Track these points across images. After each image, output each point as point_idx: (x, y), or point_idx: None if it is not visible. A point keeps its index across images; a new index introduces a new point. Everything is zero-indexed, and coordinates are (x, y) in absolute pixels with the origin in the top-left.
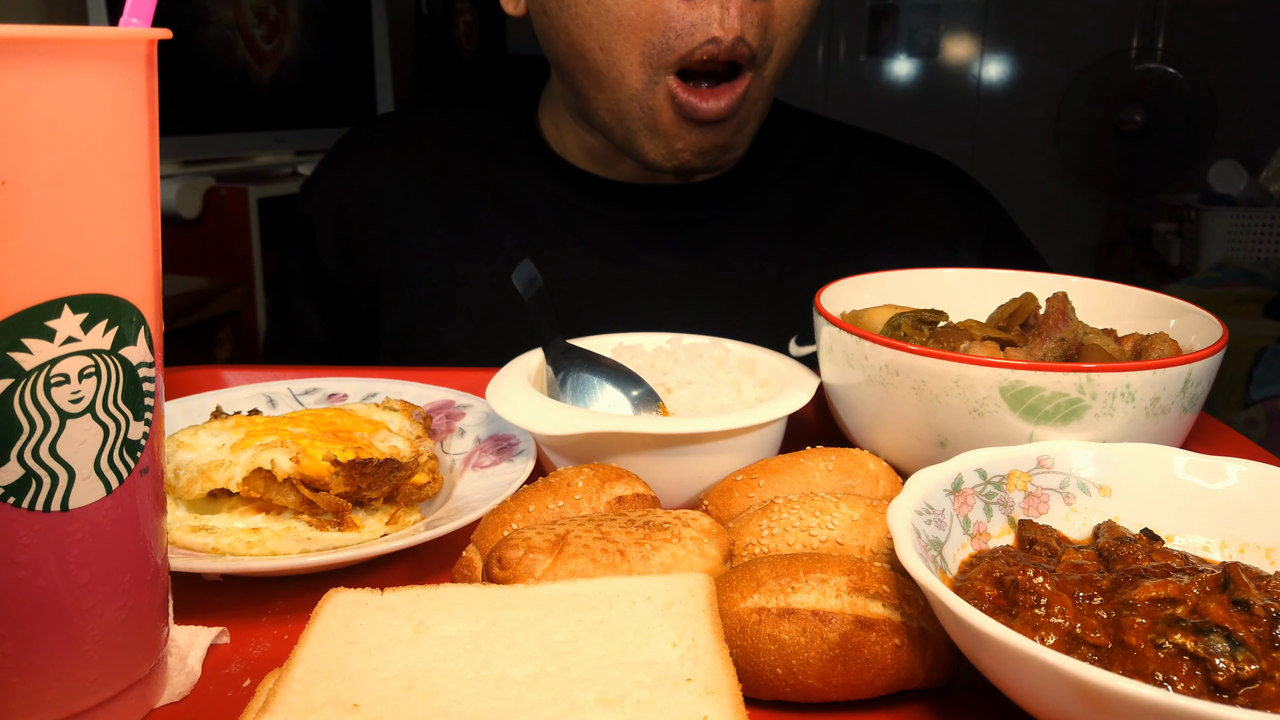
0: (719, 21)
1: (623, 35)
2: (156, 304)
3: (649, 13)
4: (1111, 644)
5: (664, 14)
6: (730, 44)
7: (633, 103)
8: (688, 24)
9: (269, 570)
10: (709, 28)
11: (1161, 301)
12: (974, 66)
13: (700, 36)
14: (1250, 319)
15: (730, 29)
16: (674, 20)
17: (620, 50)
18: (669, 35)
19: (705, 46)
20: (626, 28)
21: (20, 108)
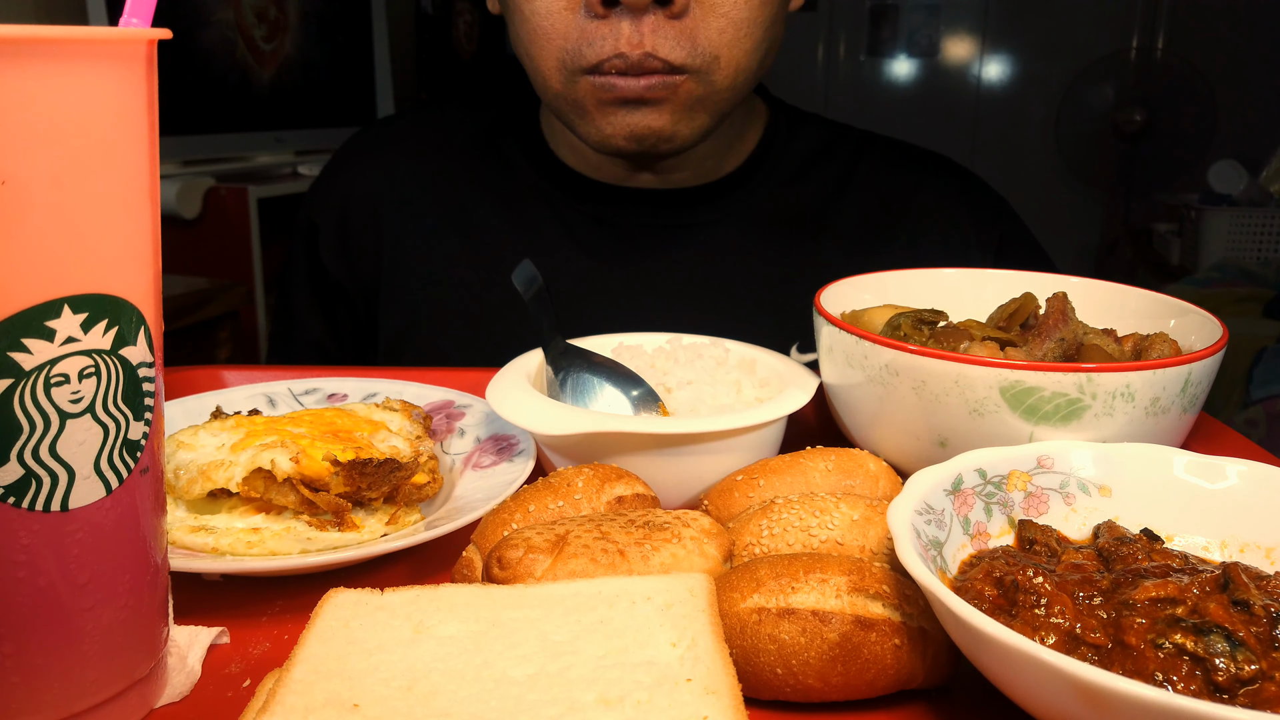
0: (626, 38)
1: (540, 44)
2: (156, 304)
3: (563, 25)
4: (1111, 644)
5: (576, 27)
6: (638, 59)
7: (559, 100)
8: (599, 36)
9: (269, 570)
10: (616, 42)
11: (1161, 301)
12: (974, 66)
13: (608, 50)
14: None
15: (636, 45)
16: (587, 33)
17: (539, 57)
18: (581, 45)
19: (613, 60)
20: (543, 37)
21: (20, 108)
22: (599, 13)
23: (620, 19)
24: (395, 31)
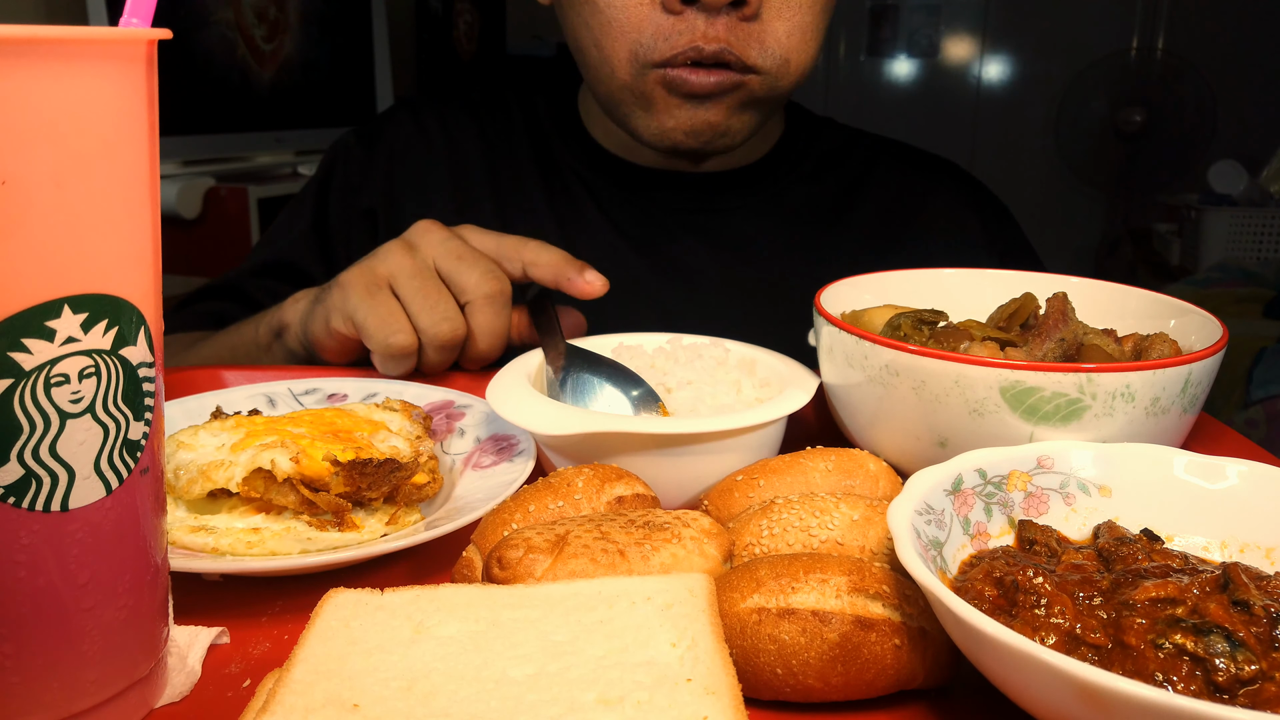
0: (702, 33)
1: (613, 35)
2: (156, 304)
3: (638, 18)
4: (1111, 644)
5: (651, 21)
6: (712, 53)
7: (624, 91)
8: (675, 31)
9: (269, 570)
10: (692, 37)
11: (1161, 301)
12: (974, 66)
13: (684, 43)
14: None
15: (713, 40)
16: (662, 28)
17: (610, 49)
18: (656, 40)
19: (687, 51)
20: (616, 29)
21: (20, 108)
22: (675, 9)
23: (695, 16)
24: (395, 31)
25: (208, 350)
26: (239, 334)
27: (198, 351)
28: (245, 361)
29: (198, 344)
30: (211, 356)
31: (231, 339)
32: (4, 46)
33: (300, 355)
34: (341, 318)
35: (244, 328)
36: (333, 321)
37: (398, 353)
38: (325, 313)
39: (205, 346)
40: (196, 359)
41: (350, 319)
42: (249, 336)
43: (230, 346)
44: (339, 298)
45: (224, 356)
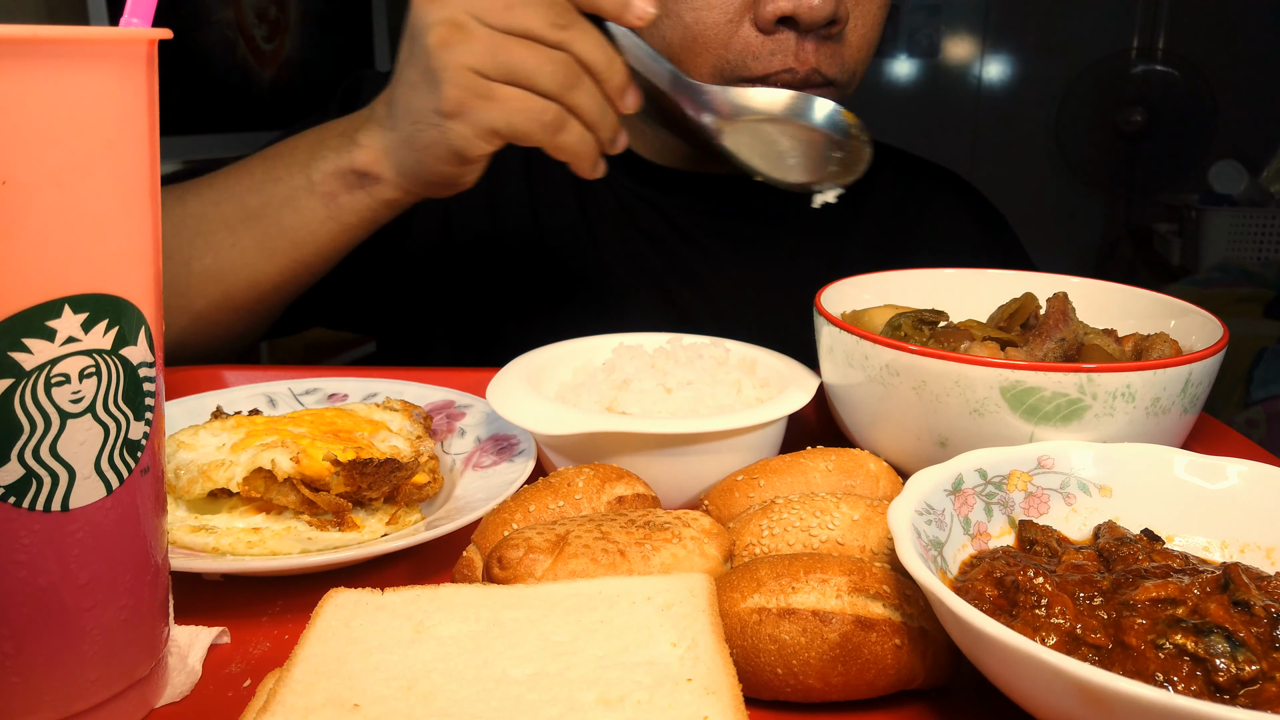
0: (794, 54)
1: (696, 51)
2: (157, 304)
3: (727, 36)
4: (1112, 644)
5: (742, 39)
6: (805, 74)
7: None
8: (766, 51)
9: (269, 570)
10: (786, 58)
11: (1162, 301)
12: (974, 66)
13: (778, 65)
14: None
15: (805, 62)
16: (753, 46)
17: (691, 63)
18: (746, 57)
19: (781, 74)
20: (702, 45)
21: (21, 108)
22: (768, 29)
23: (787, 36)
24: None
25: (208, 203)
26: (266, 184)
27: (194, 199)
28: (286, 225)
29: (185, 195)
30: (220, 215)
31: (251, 189)
32: (4, 46)
33: (395, 203)
34: (480, 138)
35: (269, 170)
36: (470, 149)
37: (560, 126)
38: (446, 145)
39: (203, 194)
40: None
41: (495, 133)
42: (288, 188)
43: (253, 201)
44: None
45: (241, 215)
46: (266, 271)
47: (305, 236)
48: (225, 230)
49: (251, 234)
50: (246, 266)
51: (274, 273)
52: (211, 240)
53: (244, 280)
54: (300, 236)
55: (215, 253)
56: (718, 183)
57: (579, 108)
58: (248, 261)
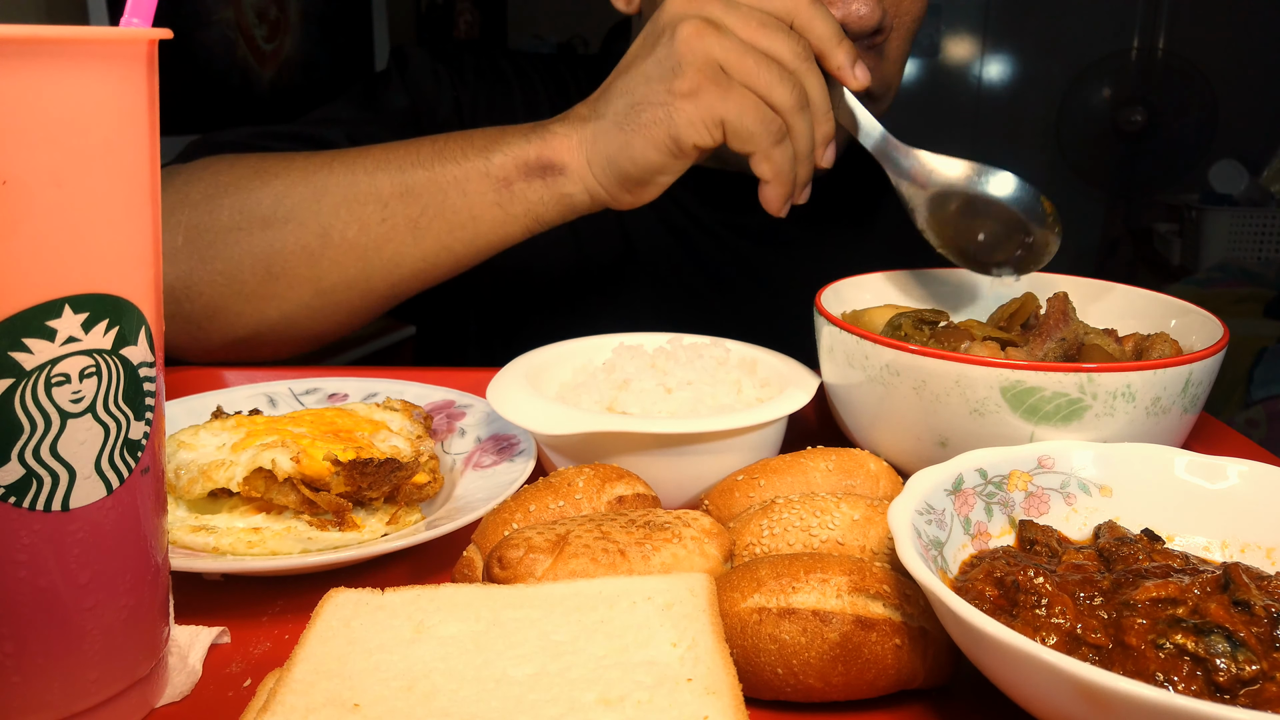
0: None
1: None
2: (157, 304)
3: None
4: (1112, 644)
5: None
6: None
7: None
8: None
9: (269, 570)
10: None
11: (1162, 301)
12: (974, 66)
13: None
14: (1250, 319)
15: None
16: None
17: None
18: None
19: None
20: None
21: (21, 108)
22: None
23: None
24: (395, 31)
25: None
26: (435, 162)
27: (343, 168)
28: (448, 205)
29: (333, 163)
30: (373, 187)
31: (417, 163)
32: (5, 46)
33: (569, 200)
34: (704, 127)
35: (441, 151)
36: (691, 134)
37: (781, 137)
38: (668, 124)
39: (354, 163)
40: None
41: (721, 124)
42: (461, 169)
43: (417, 176)
44: (693, 105)
45: (399, 189)
46: (411, 253)
47: (464, 219)
48: (376, 203)
49: (407, 210)
50: (391, 243)
51: (418, 256)
52: (358, 211)
53: (385, 258)
54: (459, 219)
55: (361, 225)
56: (723, 181)
57: (795, 131)
58: (394, 238)
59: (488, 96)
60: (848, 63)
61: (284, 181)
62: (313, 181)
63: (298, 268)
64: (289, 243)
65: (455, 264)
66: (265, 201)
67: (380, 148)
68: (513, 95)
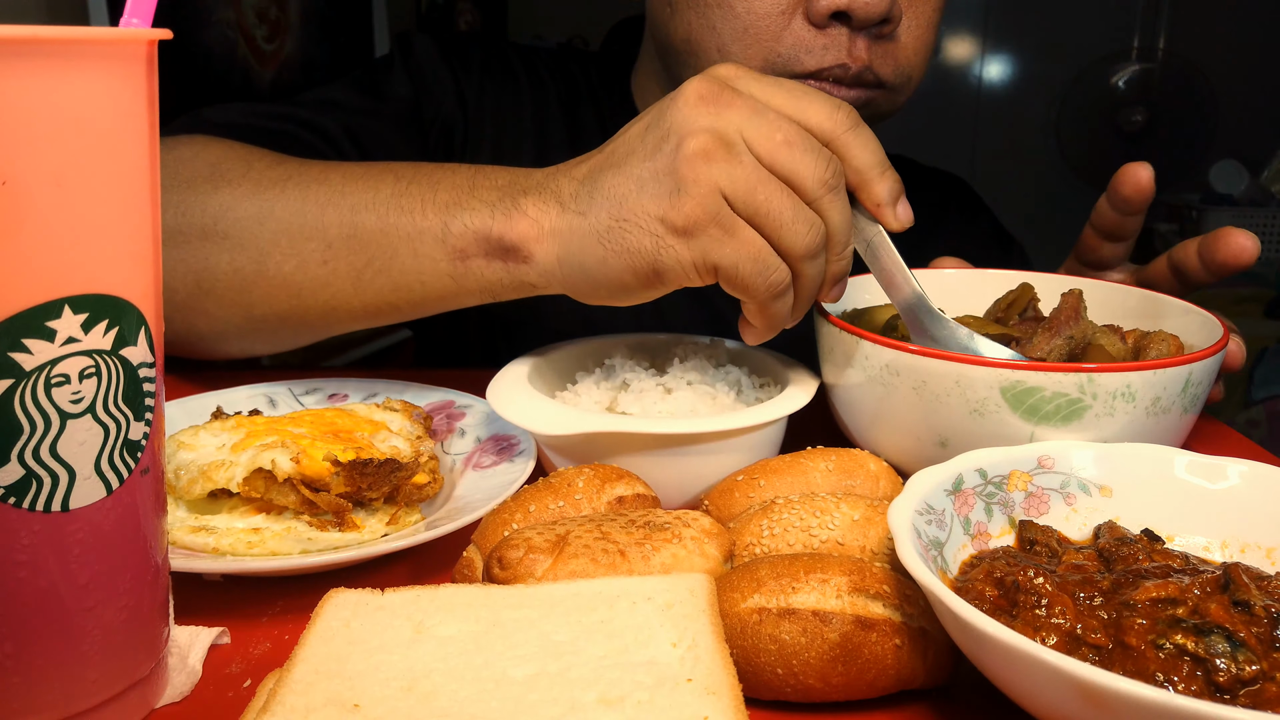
0: (848, 51)
1: (746, 43)
2: (157, 304)
3: (779, 29)
4: (1112, 645)
5: (794, 33)
6: (857, 71)
7: None
8: (819, 46)
9: (269, 570)
10: (839, 54)
11: (1162, 301)
12: (974, 66)
13: (830, 60)
14: (1251, 319)
15: (859, 59)
16: (805, 40)
17: (740, 56)
18: (798, 51)
19: (834, 69)
20: (753, 37)
21: (21, 108)
22: (821, 24)
23: (839, 32)
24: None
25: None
26: (391, 210)
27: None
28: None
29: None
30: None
31: (369, 206)
32: (4, 46)
33: (529, 289)
34: (693, 271)
35: (399, 196)
36: (676, 275)
37: (782, 293)
38: (653, 258)
39: (307, 190)
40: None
41: (713, 270)
42: (415, 226)
43: (367, 221)
44: (686, 247)
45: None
46: (350, 302)
47: (412, 282)
48: (320, 242)
49: (351, 258)
50: (330, 289)
51: (358, 305)
52: (299, 247)
53: (321, 302)
54: (406, 281)
55: (300, 262)
56: None
57: (803, 280)
58: (334, 284)
59: (494, 91)
60: (889, 199)
61: (231, 193)
62: (260, 200)
63: (229, 290)
64: (222, 262)
65: (397, 318)
66: (209, 210)
67: (340, 173)
68: (520, 90)
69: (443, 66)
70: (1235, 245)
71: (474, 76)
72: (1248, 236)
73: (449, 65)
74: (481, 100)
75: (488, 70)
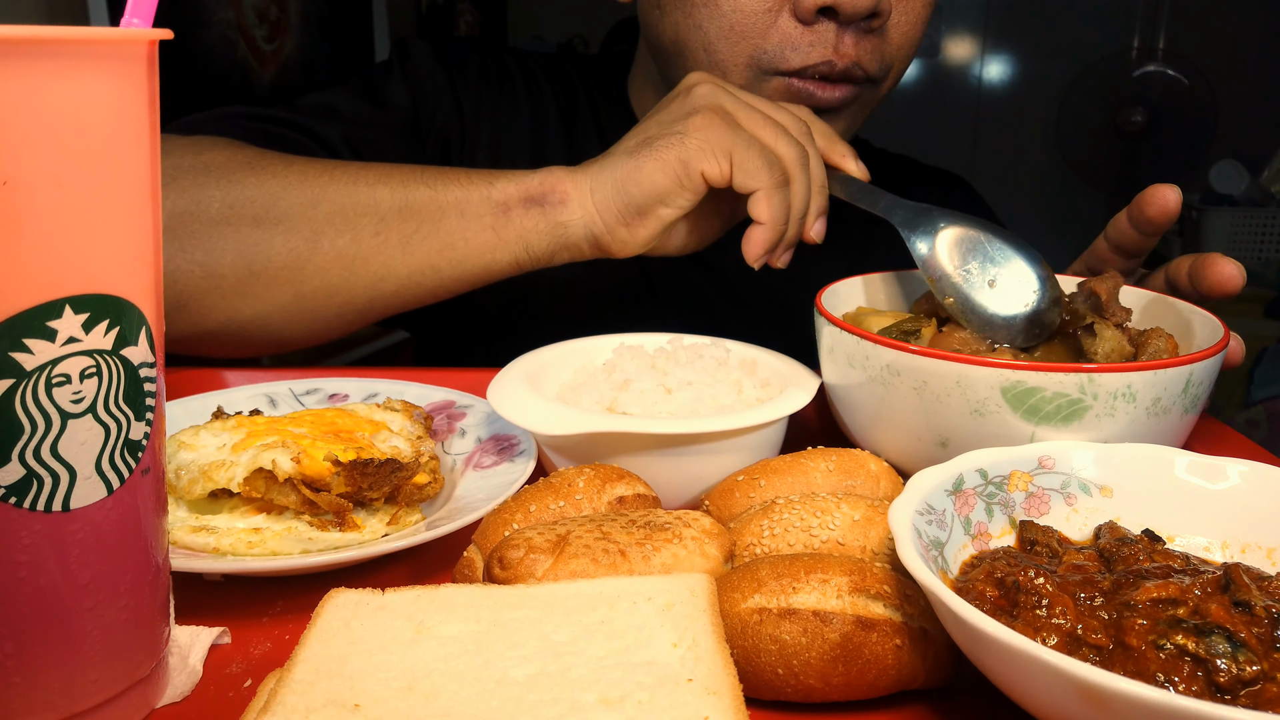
0: (834, 47)
1: (733, 40)
2: (157, 304)
3: (765, 26)
4: (1113, 645)
5: (780, 30)
6: (844, 68)
7: None
8: (805, 42)
9: (270, 570)
10: (825, 50)
11: (1162, 301)
12: (974, 66)
13: (816, 57)
14: (1251, 319)
15: (845, 55)
16: (791, 37)
17: (726, 54)
18: (785, 48)
19: (820, 66)
20: (739, 34)
21: (22, 108)
22: (807, 19)
23: (826, 28)
24: (395, 31)
25: (362, 184)
26: (439, 182)
27: (344, 177)
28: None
29: (335, 171)
30: (372, 199)
31: (422, 182)
32: (5, 47)
33: (564, 229)
34: (713, 156)
35: (446, 175)
36: (698, 162)
37: (783, 180)
38: (677, 150)
39: (356, 175)
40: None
41: (727, 156)
42: (465, 191)
43: (419, 194)
44: (700, 136)
45: (398, 204)
46: (398, 269)
47: (456, 240)
48: (373, 215)
49: (403, 225)
50: (380, 256)
51: (404, 273)
52: (354, 222)
53: (371, 271)
54: (452, 239)
55: (354, 235)
56: None
57: (795, 184)
58: (385, 251)
59: (491, 98)
60: (848, 155)
61: (281, 182)
62: (310, 187)
63: (281, 270)
64: (277, 244)
65: (438, 285)
66: (259, 199)
67: (382, 165)
68: (517, 96)
69: (440, 73)
70: (1220, 274)
71: (471, 84)
72: (1234, 266)
73: (446, 72)
74: (478, 108)
75: (485, 77)
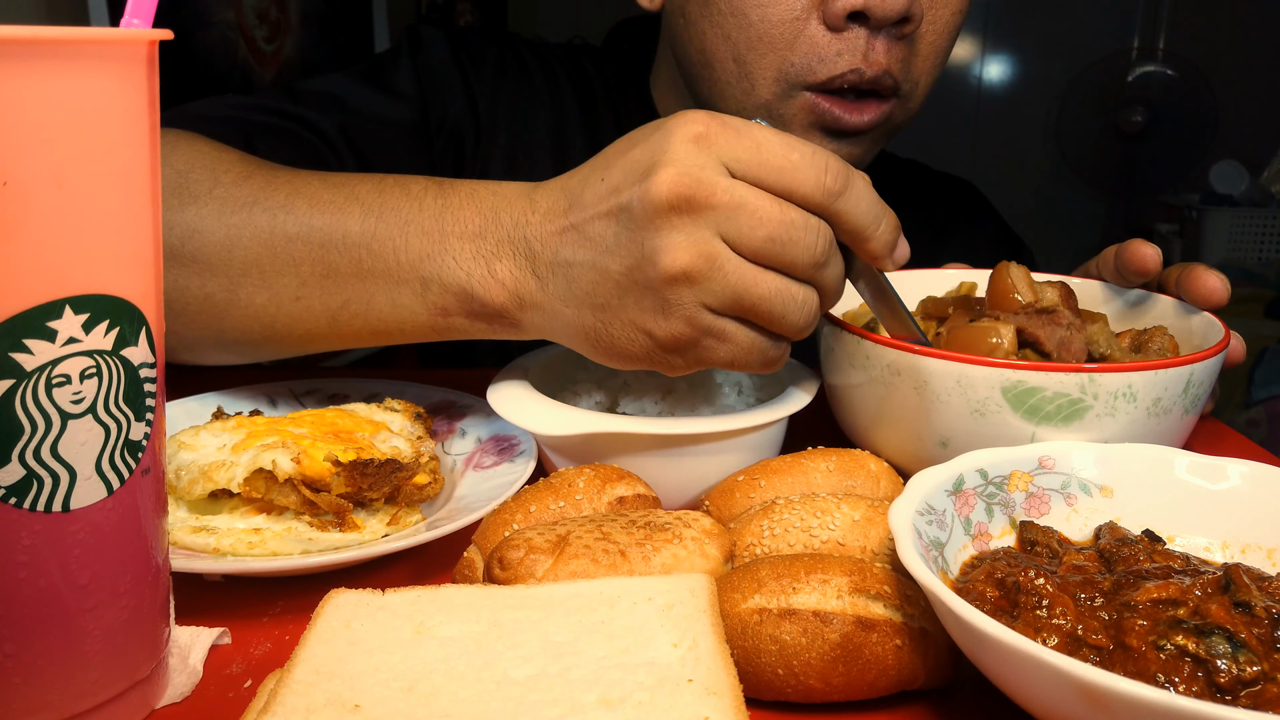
0: (864, 54)
1: (761, 51)
2: (157, 304)
3: (793, 35)
4: (1113, 645)
5: (809, 39)
6: (874, 76)
7: (760, 110)
8: (833, 51)
9: (270, 571)
10: (854, 58)
11: (1162, 301)
12: (974, 67)
13: (844, 66)
14: (1251, 319)
15: (875, 63)
16: (819, 46)
17: (755, 65)
18: (812, 59)
19: (848, 75)
20: (767, 45)
21: (21, 108)
22: (838, 25)
23: (857, 35)
24: (396, 32)
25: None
26: (362, 253)
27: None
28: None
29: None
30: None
31: (340, 248)
32: (4, 47)
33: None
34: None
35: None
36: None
37: (782, 360)
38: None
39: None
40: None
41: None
42: (390, 276)
43: (339, 263)
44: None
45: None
46: (326, 337)
47: (391, 329)
48: (293, 278)
49: (325, 299)
50: (304, 323)
51: (334, 340)
52: (271, 281)
53: (295, 334)
54: (385, 327)
55: (272, 295)
56: None
57: (799, 338)
58: (308, 320)
59: (509, 93)
60: (885, 251)
61: (198, 212)
62: (228, 224)
63: (199, 315)
64: (192, 286)
65: (377, 346)
66: (176, 228)
67: (306, 199)
68: (536, 92)
69: (453, 66)
70: (1206, 287)
71: (487, 77)
72: (1219, 279)
73: (459, 65)
74: (495, 104)
75: (502, 70)
